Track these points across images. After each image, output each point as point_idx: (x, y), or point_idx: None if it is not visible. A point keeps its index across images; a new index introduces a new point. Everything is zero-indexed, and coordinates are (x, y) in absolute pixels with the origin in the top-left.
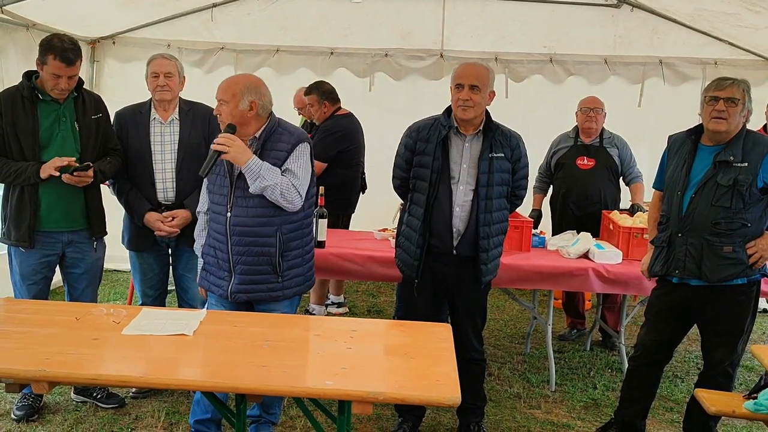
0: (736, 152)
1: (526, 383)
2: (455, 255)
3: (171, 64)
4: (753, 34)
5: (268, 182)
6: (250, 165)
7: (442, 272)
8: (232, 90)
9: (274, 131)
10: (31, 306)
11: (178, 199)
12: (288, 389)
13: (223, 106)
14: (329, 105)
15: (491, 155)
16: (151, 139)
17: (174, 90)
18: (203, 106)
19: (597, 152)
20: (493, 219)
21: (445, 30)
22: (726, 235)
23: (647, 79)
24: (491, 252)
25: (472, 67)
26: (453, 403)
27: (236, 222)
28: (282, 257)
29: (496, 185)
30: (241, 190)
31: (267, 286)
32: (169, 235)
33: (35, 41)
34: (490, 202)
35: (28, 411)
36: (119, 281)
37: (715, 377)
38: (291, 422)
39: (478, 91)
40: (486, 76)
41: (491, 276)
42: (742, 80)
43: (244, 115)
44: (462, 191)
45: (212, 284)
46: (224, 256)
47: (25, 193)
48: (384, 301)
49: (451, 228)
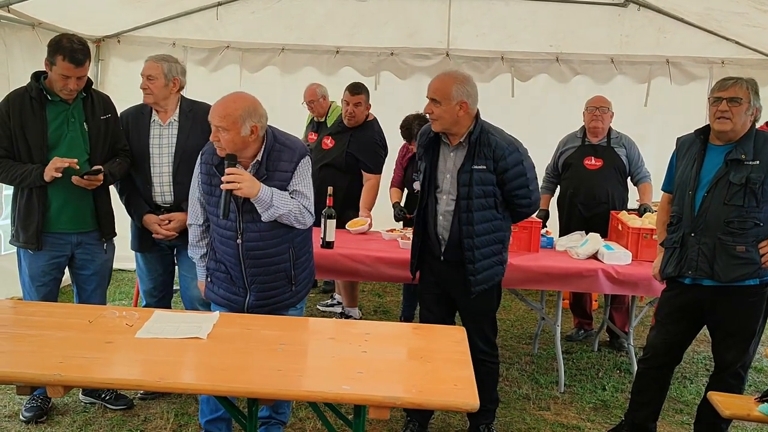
0: (747, 150)
1: (534, 384)
2: (443, 260)
3: (155, 67)
4: (761, 33)
5: (282, 211)
6: (260, 197)
7: (440, 273)
8: (232, 117)
9: (273, 149)
10: (43, 308)
11: (175, 202)
12: (305, 394)
13: (223, 134)
14: (369, 108)
15: (473, 167)
16: (150, 141)
17: (156, 93)
18: (204, 106)
19: (604, 152)
20: (476, 231)
21: (451, 29)
22: (739, 235)
23: (654, 79)
24: (479, 263)
25: (436, 80)
26: (471, 408)
27: (249, 247)
28: (294, 268)
29: (476, 198)
30: (249, 215)
31: (282, 296)
32: (166, 238)
33: (41, 40)
34: (470, 215)
35: (36, 412)
36: (124, 281)
37: (726, 379)
38: (300, 423)
39: (438, 105)
40: (447, 89)
41: (483, 286)
42: (747, 79)
43: (246, 141)
44: (445, 201)
45: (224, 299)
46: (237, 275)
47: (33, 195)
48: (390, 301)
49: (437, 235)
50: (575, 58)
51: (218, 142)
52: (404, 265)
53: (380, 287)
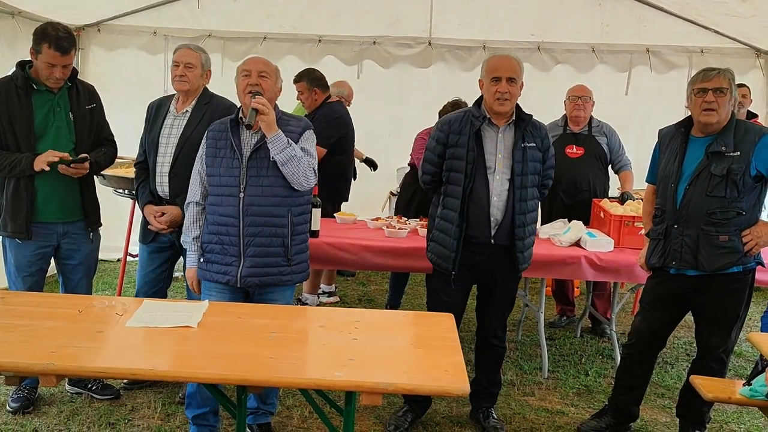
0: (727, 142)
1: (518, 370)
2: (493, 244)
3: (194, 56)
4: (740, 22)
5: (296, 152)
6: (280, 134)
7: (479, 263)
8: (271, 66)
9: (281, 117)
10: (32, 299)
11: (171, 194)
12: (297, 381)
13: (266, 80)
14: (320, 93)
15: (524, 145)
16: (161, 131)
17: (192, 82)
18: (223, 100)
19: (586, 141)
20: (528, 207)
21: (433, 18)
22: (722, 225)
23: (634, 68)
24: (526, 240)
25: (508, 60)
26: (462, 393)
27: (251, 202)
28: (291, 240)
29: (530, 174)
30: (255, 170)
31: (278, 269)
32: (159, 231)
33: (21, 29)
34: (525, 191)
35: (23, 403)
36: (107, 271)
37: (709, 364)
38: (288, 412)
39: (514, 84)
40: (520, 68)
41: (527, 264)
42: (726, 69)
43: (275, 94)
44: (498, 181)
45: (216, 273)
46: (233, 240)
47: (21, 185)
48: (375, 290)
49: (489, 217)
50: (557, 47)
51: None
52: (390, 254)
53: (365, 276)
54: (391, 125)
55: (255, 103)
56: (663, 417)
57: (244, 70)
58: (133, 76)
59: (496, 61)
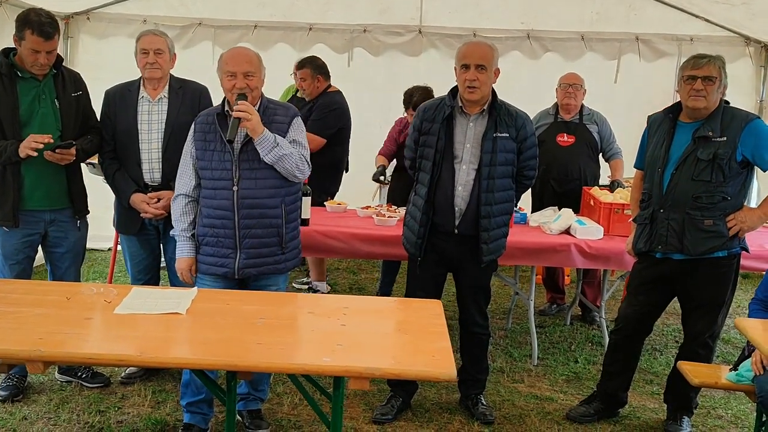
0: (714, 127)
1: (508, 358)
2: (457, 234)
3: (161, 41)
4: (729, 9)
5: (286, 151)
6: (266, 135)
7: (445, 250)
8: (255, 62)
9: (267, 107)
10: (21, 286)
11: (164, 180)
12: (285, 366)
13: (252, 79)
14: (322, 80)
15: (495, 135)
16: (138, 118)
17: (164, 68)
18: (195, 84)
19: (577, 129)
20: (495, 199)
21: (423, 5)
22: (707, 209)
23: (623, 56)
24: (492, 232)
25: (477, 47)
26: (449, 377)
27: (245, 195)
28: (285, 228)
29: (499, 165)
30: (247, 163)
31: (274, 259)
32: (155, 217)
33: (8, 17)
34: (492, 182)
35: (12, 391)
36: (97, 260)
37: (696, 349)
38: (278, 399)
39: (484, 71)
40: (491, 55)
41: (493, 256)
42: (717, 56)
43: (261, 84)
44: (465, 170)
45: (213, 265)
46: (229, 232)
47: (7, 172)
48: (365, 278)
49: (453, 207)
50: (546, 35)
51: (248, 88)
52: (379, 242)
53: (355, 264)
54: (381, 113)
55: (237, 112)
56: (651, 403)
57: (229, 72)
58: (123, 64)
59: (466, 48)
